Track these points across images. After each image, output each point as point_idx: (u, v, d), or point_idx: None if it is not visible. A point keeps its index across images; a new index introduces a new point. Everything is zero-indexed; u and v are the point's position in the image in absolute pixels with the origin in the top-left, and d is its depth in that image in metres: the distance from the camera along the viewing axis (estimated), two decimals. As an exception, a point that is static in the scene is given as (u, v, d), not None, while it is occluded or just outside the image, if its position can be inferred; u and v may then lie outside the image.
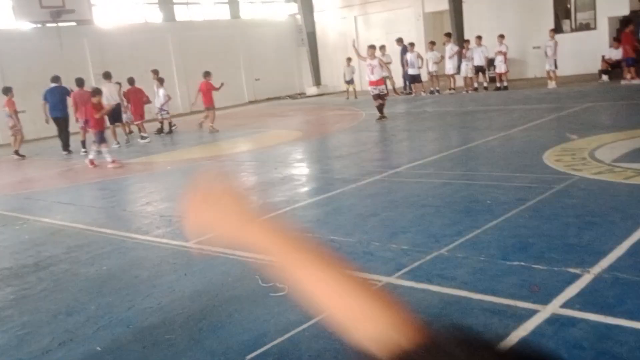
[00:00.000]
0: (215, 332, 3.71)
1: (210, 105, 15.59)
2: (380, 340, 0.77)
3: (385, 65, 14.19)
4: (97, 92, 11.98)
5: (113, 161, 11.22)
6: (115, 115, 14.69)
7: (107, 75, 15.16)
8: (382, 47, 20.21)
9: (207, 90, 15.57)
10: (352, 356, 0.85)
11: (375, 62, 13.82)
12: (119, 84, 15.54)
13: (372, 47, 14.14)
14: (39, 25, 19.04)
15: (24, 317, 4.37)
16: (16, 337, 4.01)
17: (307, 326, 3.63)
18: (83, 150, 13.66)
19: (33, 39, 19.02)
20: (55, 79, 14.60)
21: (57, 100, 14.38)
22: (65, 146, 14.42)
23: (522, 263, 4.25)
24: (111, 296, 4.58)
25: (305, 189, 8.04)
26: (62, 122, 14.47)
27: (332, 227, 5.72)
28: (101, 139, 11.45)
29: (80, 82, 14.20)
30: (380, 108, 13.74)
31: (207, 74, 15.77)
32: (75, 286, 4.92)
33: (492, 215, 5.46)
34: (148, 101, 15.76)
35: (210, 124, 15.44)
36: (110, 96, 14.67)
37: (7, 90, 14.12)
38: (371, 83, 13.91)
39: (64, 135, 14.51)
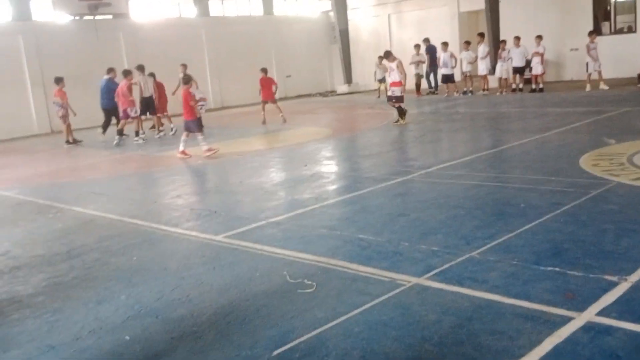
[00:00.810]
0: (242, 326, 3.70)
1: (270, 99, 15.88)
2: None
3: (401, 69, 14.09)
4: (188, 79, 11.96)
5: (209, 149, 11.17)
6: (148, 107, 15.01)
7: (140, 68, 15.40)
8: (417, 46, 20.01)
9: (267, 85, 15.88)
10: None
11: (393, 65, 13.87)
12: (152, 75, 15.75)
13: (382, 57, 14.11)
14: (76, 18, 19.36)
15: (55, 303, 4.43)
16: (47, 323, 4.07)
17: (334, 324, 3.61)
18: (135, 139, 14.35)
19: (70, 31, 19.37)
20: (109, 71, 15.05)
21: (103, 91, 15.02)
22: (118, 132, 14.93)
23: (557, 268, 4.15)
24: (140, 286, 4.61)
25: (334, 186, 8.01)
26: (108, 113, 15.16)
27: (361, 226, 5.68)
28: (190, 128, 11.31)
29: (126, 73, 14.89)
30: (399, 111, 13.59)
31: (265, 70, 16.02)
32: (105, 275, 4.98)
33: (526, 219, 5.35)
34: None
35: (281, 114, 15.67)
36: (144, 88, 14.98)
37: (59, 80, 14.55)
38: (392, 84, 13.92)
39: (105, 123, 15.34)
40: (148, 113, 15.42)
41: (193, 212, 6.89)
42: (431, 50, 20.65)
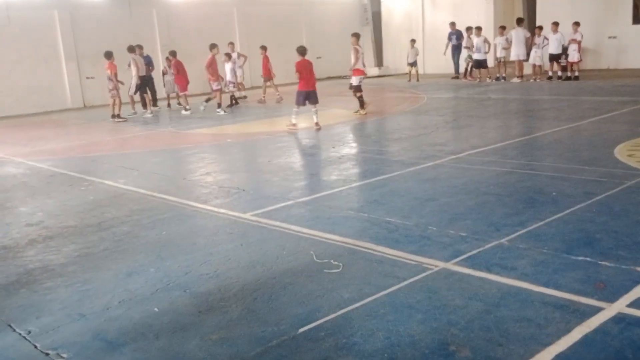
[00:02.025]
0: (269, 303, 3.74)
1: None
2: None
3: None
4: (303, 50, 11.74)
5: (293, 124, 11.36)
6: (142, 86, 15.69)
7: (131, 49, 15.69)
8: (479, 29, 19.25)
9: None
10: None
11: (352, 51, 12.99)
12: (173, 53, 16.22)
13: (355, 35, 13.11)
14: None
15: (86, 274, 4.52)
16: (78, 293, 4.16)
17: (360, 305, 3.61)
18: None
19: (104, 7, 19.54)
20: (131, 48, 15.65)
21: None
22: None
23: (588, 258, 4.08)
24: (169, 260, 4.68)
25: (362, 169, 7.98)
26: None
27: (389, 209, 5.66)
28: (299, 101, 11.42)
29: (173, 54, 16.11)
30: (360, 101, 13.11)
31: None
32: (135, 248, 5.06)
33: (557, 208, 5.26)
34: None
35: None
36: (141, 68, 15.60)
37: (110, 55, 14.72)
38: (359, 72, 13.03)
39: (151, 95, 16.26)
40: (138, 93, 15.81)
41: (222, 190, 6.95)
42: (456, 35, 20.37)
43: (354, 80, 13.12)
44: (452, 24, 20.47)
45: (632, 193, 5.65)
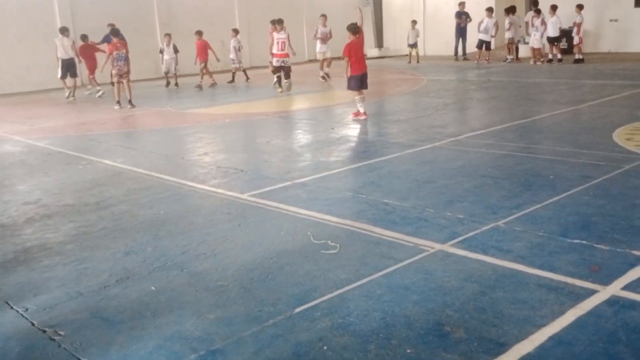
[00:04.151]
0: (265, 283, 3.76)
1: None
2: None
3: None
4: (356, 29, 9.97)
5: (357, 113, 9.98)
6: (70, 69, 15.34)
7: (63, 30, 15.52)
8: (490, 10, 19.15)
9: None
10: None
11: (283, 35, 14.30)
12: (199, 32, 16.35)
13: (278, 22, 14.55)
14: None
15: (84, 252, 4.54)
16: (76, 271, 4.18)
17: (356, 285, 3.63)
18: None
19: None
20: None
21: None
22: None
23: (584, 242, 4.10)
24: (167, 240, 4.69)
25: (361, 150, 7.97)
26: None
27: (386, 191, 5.66)
28: (356, 85, 9.84)
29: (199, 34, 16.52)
30: (279, 79, 14.46)
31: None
32: (133, 227, 5.07)
33: (554, 191, 5.28)
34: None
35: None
36: (64, 51, 15.23)
37: (117, 32, 13.54)
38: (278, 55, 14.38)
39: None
40: (69, 75, 15.44)
41: (220, 170, 6.95)
42: (465, 16, 20.25)
43: (274, 62, 14.60)
44: (462, 4, 20.32)
45: (629, 177, 5.66)
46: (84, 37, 16.29)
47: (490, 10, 19.18)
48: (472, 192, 5.47)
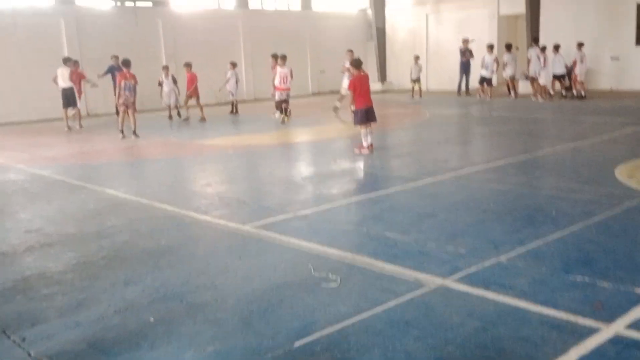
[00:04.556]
0: (265, 316, 3.72)
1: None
2: None
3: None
4: (359, 64, 9.95)
5: (361, 146, 9.83)
6: (69, 99, 15.30)
7: (65, 61, 15.67)
8: (490, 47, 19.51)
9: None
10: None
11: (286, 70, 14.79)
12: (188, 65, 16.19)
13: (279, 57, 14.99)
14: (118, 4, 19.64)
15: (83, 282, 4.51)
16: (75, 301, 4.14)
17: (357, 320, 3.60)
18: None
19: (111, 16, 19.66)
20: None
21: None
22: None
23: (586, 278, 4.07)
24: (167, 270, 4.67)
25: (363, 183, 7.98)
26: None
27: (388, 224, 5.65)
28: (361, 120, 9.72)
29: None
30: (286, 110, 14.81)
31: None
32: (133, 257, 5.05)
33: (556, 227, 5.26)
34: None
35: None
36: (62, 80, 15.30)
37: (127, 63, 13.47)
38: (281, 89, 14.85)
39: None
40: (70, 105, 15.42)
41: (222, 200, 6.95)
42: (468, 52, 20.55)
43: (277, 95, 15.01)
44: (465, 41, 20.62)
45: (631, 214, 5.64)
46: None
47: (490, 47, 19.46)
48: (474, 226, 5.46)
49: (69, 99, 15.35)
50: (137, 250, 5.25)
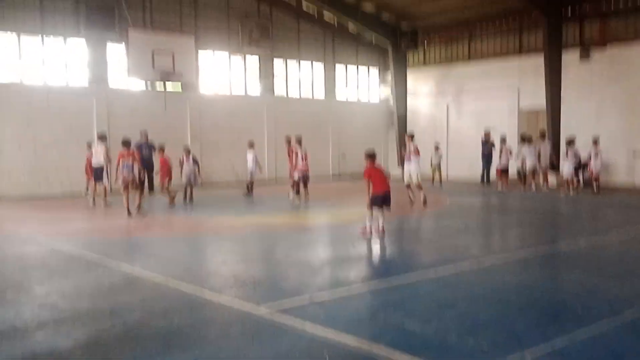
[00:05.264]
0: (277, 406, 3.56)
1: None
2: None
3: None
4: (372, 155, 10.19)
5: (364, 229, 9.84)
6: (97, 175, 15.43)
7: (100, 137, 15.95)
8: (503, 141, 19.95)
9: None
10: None
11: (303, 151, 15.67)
12: (160, 148, 16.72)
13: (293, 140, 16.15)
14: (148, 87, 20.37)
15: (92, 361, 4.40)
16: (82, 380, 4.02)
17: (373, 415, 3.42)
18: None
19: (141, 98, 20.35)
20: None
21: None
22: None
23: (616, 380, 3.86)
24: (178, 351, 4.54)
25: (381, 268, 7.86)
26: None
27: (406, 313, 5.49)
28: (376, 203, 9.76)
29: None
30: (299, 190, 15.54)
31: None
32: (145, 336, 4.94)
33: (583, 324, 5.06)
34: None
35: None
36: (95, 157, 15.51)
37: (125, 143, 13.72)
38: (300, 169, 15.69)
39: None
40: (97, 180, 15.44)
41: (237, 281, 6.86)
42: (485, 144, 20.85)
43: (296, 175, 15.74)
44: (487, 134, 20.95)
45: (661, 313, 5.43)
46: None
47: (503, 140, 19.77)
48: (496, 319, 5.28)
49: (99, 175, 15.65)
50: (149, 329, 5.14)
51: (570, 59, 20.17)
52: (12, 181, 17.97)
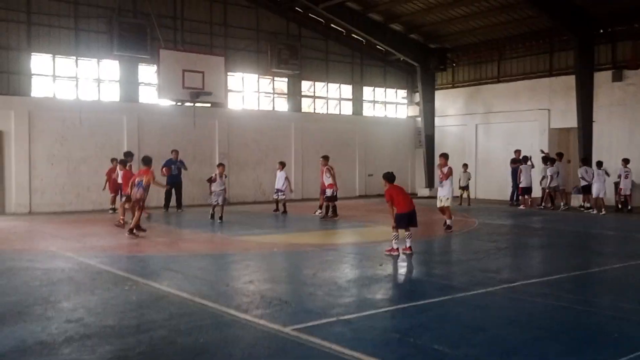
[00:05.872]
0: None
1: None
2: None
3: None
4: (391, 177, 10.32)
5: (391, 249, 9.85)
6: (121, 192, 15.08)
7: (127, 155, 15.81)
8: (525, 159, 20.11)
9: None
10: None
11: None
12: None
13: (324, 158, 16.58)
14: (178, 104, 20.64)
15: (117, 378, 4.37)
16: (107, 398, 3.99)
17: None
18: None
19: (170, 114, 20.60)
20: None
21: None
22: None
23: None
24: (203, 371, 4.49)
25: (409, 290, 7.73)
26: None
27: (436, 335, 5.37)
28: (402, 224, 9.88)
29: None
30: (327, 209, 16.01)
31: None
32: (170, 354, 4.91)
33: (620, 350, 4.87)
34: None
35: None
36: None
37: (144, 161, 13.25)
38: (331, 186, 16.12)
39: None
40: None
41: (264, 300, 6.80)
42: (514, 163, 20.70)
43: (328, 192, 16.17)
44: (517, 152, 20.85)
45: (703, 341, 5.20)
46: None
47: (525, 159, 19.72)
48: (528, 344, 5.12)
49: (121, 192, 15.72)
50: (175, 347, 5.11)
51: (602, 79, 19.87)
52: (45, 198, 18.30)
